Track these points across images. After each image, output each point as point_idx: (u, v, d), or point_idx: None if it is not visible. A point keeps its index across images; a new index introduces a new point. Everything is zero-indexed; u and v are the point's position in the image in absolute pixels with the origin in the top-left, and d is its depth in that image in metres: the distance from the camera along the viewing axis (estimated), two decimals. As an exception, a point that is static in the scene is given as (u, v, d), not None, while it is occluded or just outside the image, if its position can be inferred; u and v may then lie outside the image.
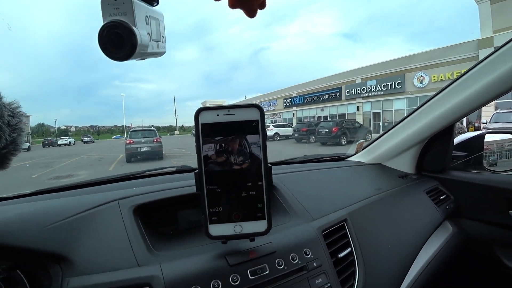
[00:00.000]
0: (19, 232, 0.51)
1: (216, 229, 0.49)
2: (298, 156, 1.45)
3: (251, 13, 0.41)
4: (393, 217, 0.90)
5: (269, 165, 0.49)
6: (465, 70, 1.03)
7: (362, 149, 1.41)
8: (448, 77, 16.49)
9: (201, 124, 0.47)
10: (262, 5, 0.41)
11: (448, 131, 1.19)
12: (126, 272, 0.49)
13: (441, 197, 1.14)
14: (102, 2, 0.35)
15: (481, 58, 1.00)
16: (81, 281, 0.48)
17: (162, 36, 0.43)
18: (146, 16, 0.38)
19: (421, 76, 18.17)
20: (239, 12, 0.42)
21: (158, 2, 0.42)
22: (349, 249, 0.68)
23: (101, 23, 0.34)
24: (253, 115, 0.48)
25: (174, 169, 1.04)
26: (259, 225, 0.49)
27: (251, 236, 0.51)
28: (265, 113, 0.49)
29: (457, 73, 15.89)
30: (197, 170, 0.48)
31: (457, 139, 1.33)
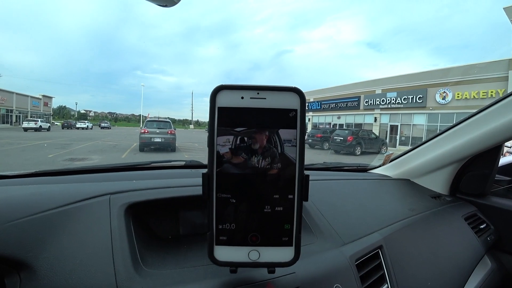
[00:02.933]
0: None
1: (225, 253, 0.36)
2: (316, 162, 1.34)
3: None
4: (431, 246, 0.77)
5: (306, 173, 0.36)
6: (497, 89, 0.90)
7: (390, 162, 1.28)
8: (474, 96, 15.84)
9: (218, 107, 0.34)
10: None
11: (494, 151, 1.05)
12: None
13: (481, 226, 1.00)
14: None
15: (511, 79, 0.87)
16: None
17: None
18: None
19: (444, 92, 17.53)
20: (266, 13, 0.31)
21: None
22: (385, 286, 0.55)
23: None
24: (291, 102, 0.35)
25: (182, 163, 0.95)
26: (283, 253, 0.36)
27: (271, 267, 0.37)
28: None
29: (483, 92, 15.26)
30: (206, 170, 0.35)
31: (500, 162, 1.18)
